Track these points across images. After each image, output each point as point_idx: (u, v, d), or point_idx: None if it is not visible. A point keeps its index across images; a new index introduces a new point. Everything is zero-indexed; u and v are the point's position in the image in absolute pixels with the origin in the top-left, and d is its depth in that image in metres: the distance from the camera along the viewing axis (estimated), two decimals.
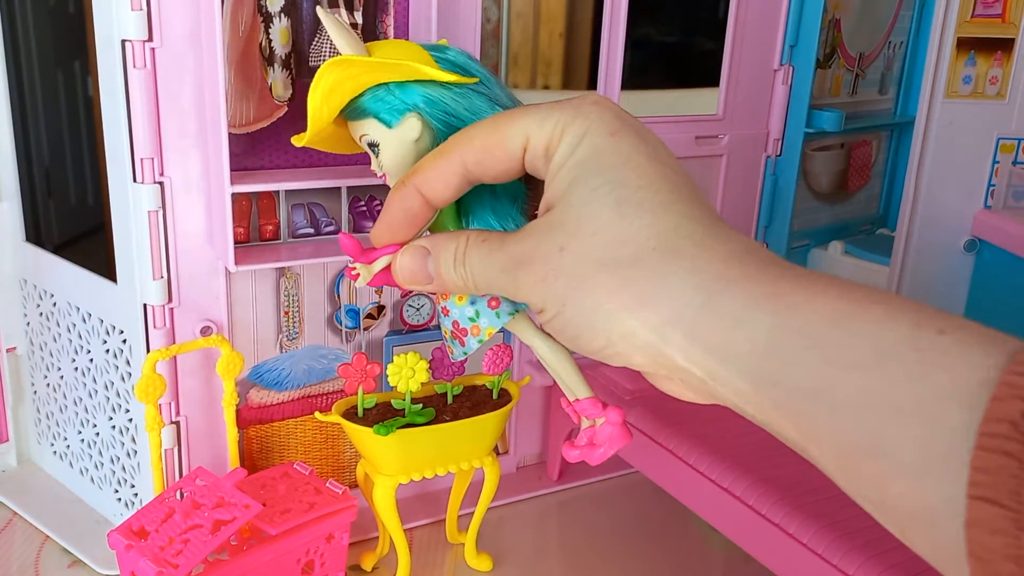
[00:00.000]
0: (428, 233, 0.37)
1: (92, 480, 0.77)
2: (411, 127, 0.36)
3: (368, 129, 0.38)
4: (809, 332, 0.26)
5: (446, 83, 0.36)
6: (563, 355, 0.39)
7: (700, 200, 0.31)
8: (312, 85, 0.38)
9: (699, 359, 0.28)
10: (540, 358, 0.39)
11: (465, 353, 0.39)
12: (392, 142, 0.37)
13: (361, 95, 0.37)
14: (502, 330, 0.39)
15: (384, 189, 0.74)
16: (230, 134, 0.63)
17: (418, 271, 0.36)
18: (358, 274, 0.39)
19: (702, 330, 0.28)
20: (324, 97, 0.37)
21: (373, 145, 0.38)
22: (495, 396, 0.69)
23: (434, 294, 0.39)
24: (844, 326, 0.26)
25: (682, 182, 0.31)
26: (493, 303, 0.38)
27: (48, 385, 0.80)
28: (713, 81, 0.88)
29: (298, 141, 0.41)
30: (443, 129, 0.36)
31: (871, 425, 0.24)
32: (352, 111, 0.38)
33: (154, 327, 0.66)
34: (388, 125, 0.37)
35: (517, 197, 0.37)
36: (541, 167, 0.32)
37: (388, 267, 0.38)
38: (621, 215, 0.29)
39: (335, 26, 0.37)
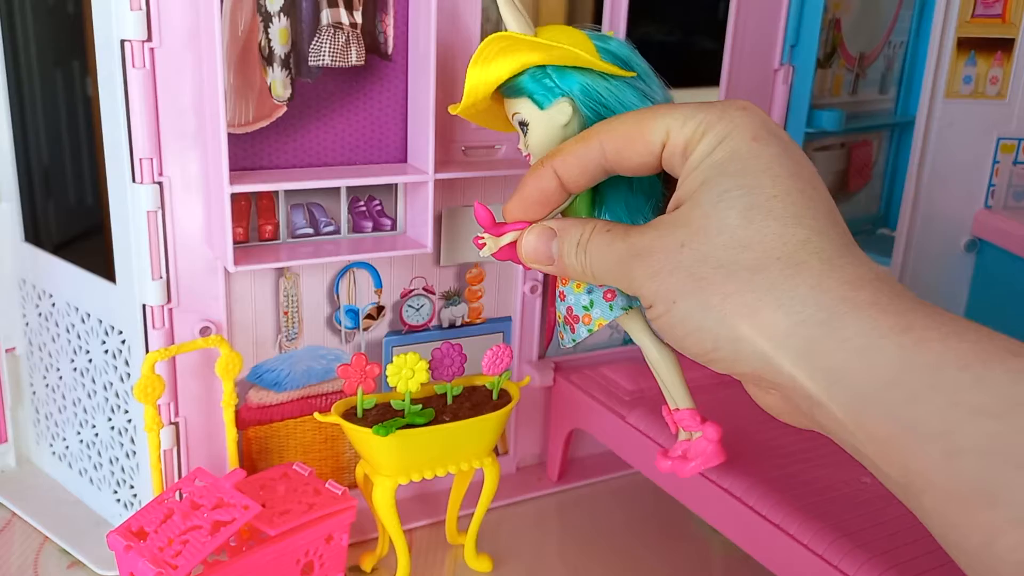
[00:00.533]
0: (559, 216, 0.38)
1: (91, 481, 0.77)
2: (562, 111, 0.37)
3: (521, 108, 0.38)
4: (938, 372, 0.25)
5: (604, 73, 0.36)
6: (671, 361, 0.38)
7: (835, 219, 0.30)
8: (473, 57, 0.39)
9: (810, 377, 0.27)
10: (648, 361, 0.39)
11: (574, 340, 0.39)
12: (542, 123, 0.37)
13: (520, 74, 0.37)
14: (611, 324, 0.39)
15: (384, 190, 0.75)
16: (229, 134, 0.62)
17: (542, 251, 0.36)
18: (484, 243, 0.39)
19: (819, 349, 0.27)
20: (483, 70, 0.38)
21: (523, 124, 0.38)
22: (495, 397, 0.69)
23: (553, 278, 0.41)
24: (977, 372, 0.25)
25: (819, 198, 0.30)
26: (609, 295, 0.38)
27: (47, 386, 0.79)
28: (713, 81, 0.88)
29: (453, 109, 0.41)
30: (592, 118, 0.37)
31: (992, 474, 0.24)
32: (509, 88, 0.38)
33: (153, 327, 0.66)
34: (540, 106, 0.37)
35: (652, 195, 0.38)
36: (678, 164, 0.32)
37: (514, 243, 0.38)
38: (749, 220, 0.29)
39: (505, 2, 0.37)
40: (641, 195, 0.37)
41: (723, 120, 0.31)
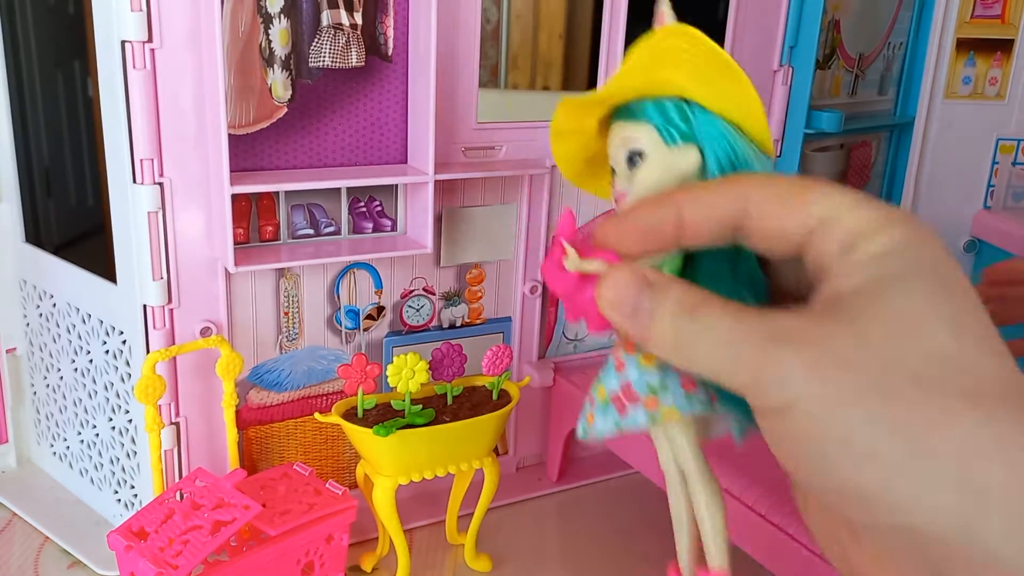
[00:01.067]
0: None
1: (92, 481, 0.77)
2: (690, 158, 0.29)
3: (641, 133, 0.30)
4: None
5: (750, 138, 0.30)
6: (720, 502, 0.31)
7: None
8: (644, 45, 0.30)
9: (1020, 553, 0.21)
10: (691, 493, 0.31)
11: (617, 426, 0.30)
12: (662, 162, 0.30)
13: (655, 96, 0.30)
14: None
15: (384, 191, 0.75)
16: (230, 135, 0.63)
17: (627, 299, 0.28)
18: (563, 255, 0.30)
19: None
20: (633, 68, 0.30)
21: (636, 155, 0.30)
22: (495, 397, 0.69)
23: (614, 338, 0.31)
24: None
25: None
26: (690, 384, 0.29)
27: (48, 386, 0.80)
28: None
29: (557, 126, 0.33)
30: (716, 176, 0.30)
31: None
32: (637, 108, 0.30)
33: (154, 328, 0.66)
34: (668, 142, 0.30)
35: (756, 289, 0.30)
36: (832, 251, 0.26)
37: (590, 279, 0.29)
38: (959, 336, 0.23)
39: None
40: (745, 284, 0.29)
41: (905, 221, 0.25)
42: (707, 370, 0.26)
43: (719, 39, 0.87)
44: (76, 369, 0.75)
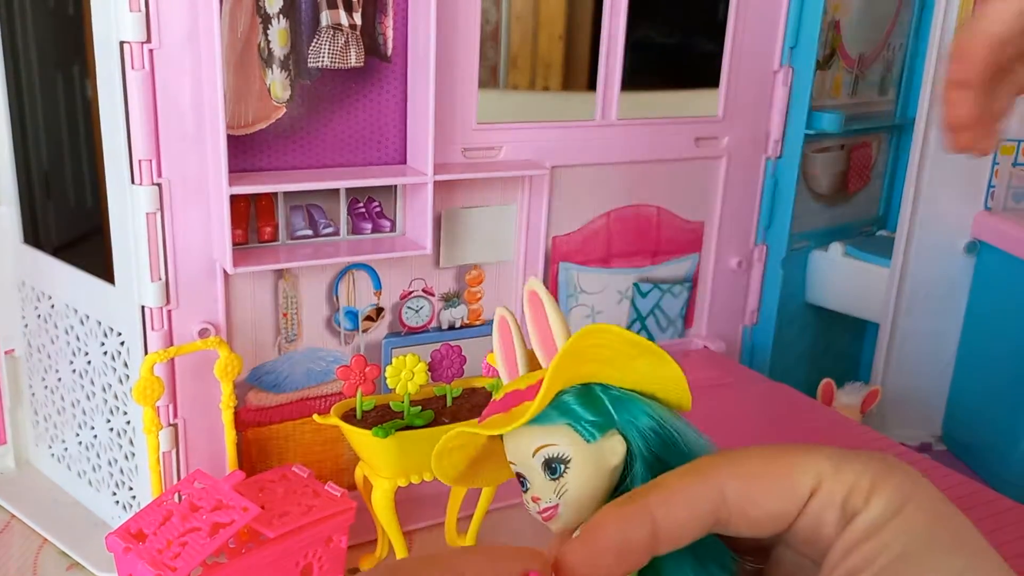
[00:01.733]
0: None
1: (90, 482, 0.77)
2: (613, 449, 0.27)
3: (556, 439, 0.27)
4: None
5: (671, 408, 0.28)
6: None
7: None
8: (561, 356, 0.27)
9: None
10: None
11: None
12: (588, 462, 0.27)
13: (560, 392, 0.27)
14: None
15: (383, 191, 0.74)
16: (228, 135, 0.62)
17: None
18: None
19: None
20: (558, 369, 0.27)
21: (556, 462, 0.27)
22: (495, 398, 0.69)
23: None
24: None
25: None
26: None
27: (46, 387, 0.79)
28: (713, 82, 0.88)
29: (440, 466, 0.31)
30: (649, 462, 0.27)
31: None
32: (543, 412, 0.27)
33: (152, 329, 0.66)
34: (588, 439, 0.27)
35: (724, 565, 0.27)
36: (830, 522, 0.24)
37: None
38: None
39: (551, 304, 0.29)
40: (712, 566, 0.27)
41: (896, 473, 0.24)
42: None
43: (719, 39, 0.87)
44: (74, 370, 0.75)
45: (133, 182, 0.63)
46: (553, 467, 0.27)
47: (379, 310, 0.76)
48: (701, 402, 0.40)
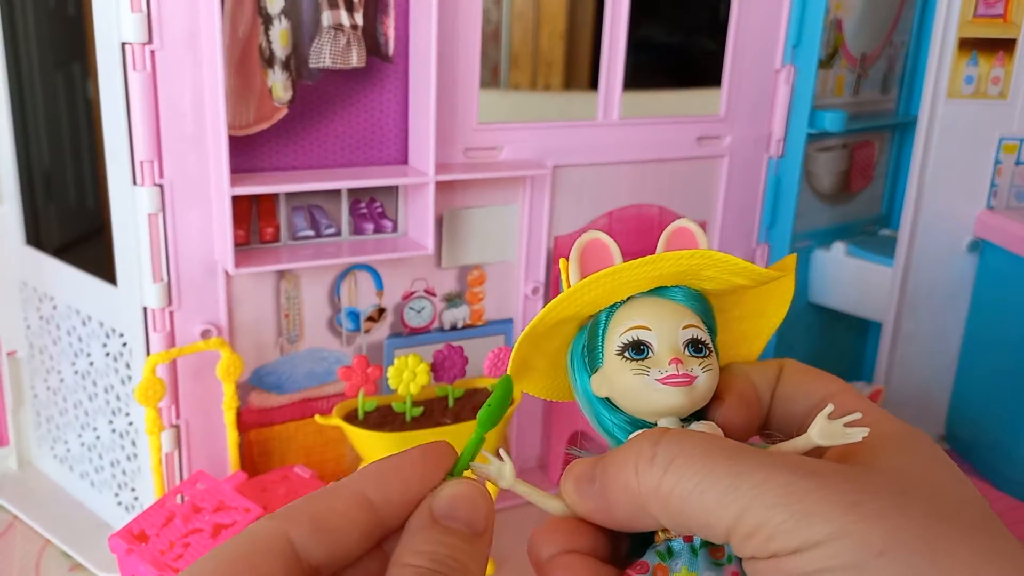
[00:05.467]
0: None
1: (92, 484, 0.77)
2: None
3: (700, 325, 0.29)
4: None
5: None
6: None
7: None
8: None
9: None
10: None
11: None
12: (717, 362, 0.29)
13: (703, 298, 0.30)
14: None
15: (385, 192, 0.74)
16: (230, 136, 0.62)
17: (580, 477, 0.27)
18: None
19: None
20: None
21: (702, 345, 0.28)
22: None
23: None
24: None
25: None
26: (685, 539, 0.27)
27: (48, 389, 0.79)
28: (715, 81, 0.88)
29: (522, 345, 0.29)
30: None
31: None
32: (695, 295, 0.29)
33: (154, 330, 0.66)
34: (712, 343, 0.29)
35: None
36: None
37: None
38: (960, 480, 0.25)
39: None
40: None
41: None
42: (690, 517, 0.24)
43: (721, 38, 0.87)
44: (76, 371, 0.75)
45: (135, 183, 0.63)
46: (699, 347, 0.28)
47: (381, 311, 0.76)
48: None
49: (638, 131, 0.84)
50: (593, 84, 0.81)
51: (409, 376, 0.63)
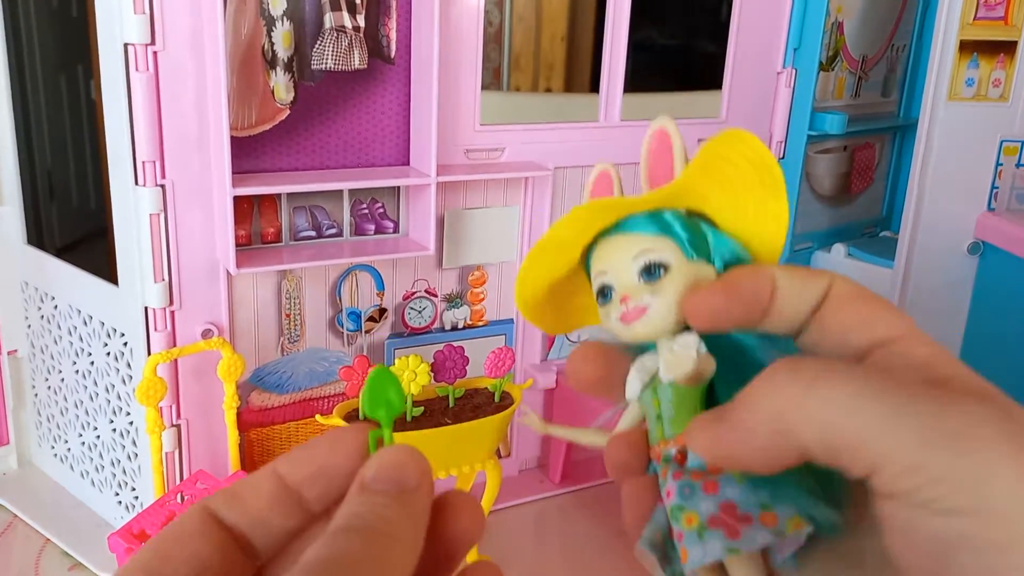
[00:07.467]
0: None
1: (93, 483, 0.77)
2: (708, 275, 0.27)
3: (657, 246, 0.27)
4: None
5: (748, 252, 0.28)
6: None
7: None
8: (706, 154, 0.26)
9: None
10: None
11: (730, 551, 0.25)
12: (686, 274, 0.26)
13: (659, 211, 0.27)
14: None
15: (386, 192, 0.75)
16: (232, 137, 0.62)
17: (705, 419, 0.24)
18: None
19: None
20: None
21: (656, 267, 0.27)
22: (497, 399, 0.69)
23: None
24: None
25: None
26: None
27: (49, 388, 0.80)
28: (715, 84, 0.88)
29: (523, 290, 0.29)
30: None
31: None
32: (649, 219, 0.27)
33: (155, 330, 0.66)
34: (688, 256, 0.27)
35: (834, 495, 0.26)
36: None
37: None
38: None
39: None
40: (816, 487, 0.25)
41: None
42: (831, 448, 0.22)
43: (722, 41, 0.87)
44: (77, 371, 0.75)
45: (137, 183, 0.63)
46: (652, 271, 0.27)
47: (382, 311, 0.76)
48: None
49: (639, 133, 0.84)
50: (594, 86, 0.81)
51: (410, 376, 0.63)
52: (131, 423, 0.71)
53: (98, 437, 0.75)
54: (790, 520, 0.24)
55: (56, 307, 0.76)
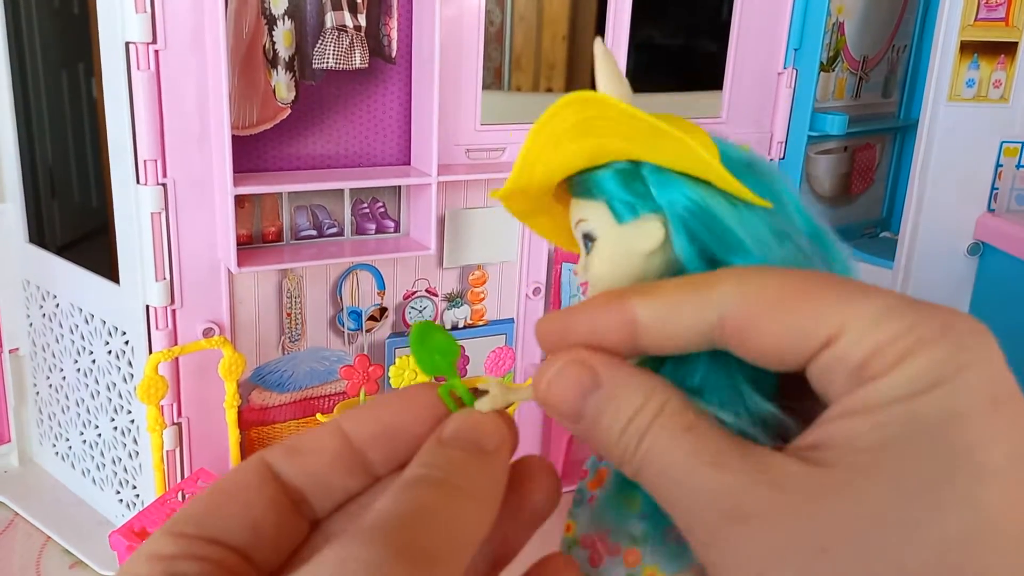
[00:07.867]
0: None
1: (94, 481, 0.78)
2: (648, 234, 0.24)
3: (590, 214, 0.25)
4: None
5: (727, 193, 0.24)
6: None
7: None
8: (540, 120, 0.24)
9: None
10: None
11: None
12: (615, 244, 0.24)
13: (601, 166, 0.25)
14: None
15: (387, 192, 0.75)
16: (233, 136, 0.63)
17: (568, 401, 0.22)
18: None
19: None
20: (550, 148, 0.25)
21: (588, 238, 0.25)
22: None
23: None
24: None
25: None
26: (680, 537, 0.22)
27: (50, 386, 0.80)
28: (716, 84, 0.88)
29: (495, 194, 0.27)
30: (693, 254, 0.23)
31: None
32: (580, 183, 0.25)
33: (156, 328, 0.66)
34: (619, 219, 0.24)
35: (761, 381, 0.22)
36: (840, 380, 0.19)
37: None
38: (974, 550, 0.17)
39: (605, 57, 0.26)
40: (741, 375, 0.22)
41: (950, 341, 0.18)
42: (665, 508, 0.20)
43: (723, 41, 0.87)
44: (79, 369, 0.75)
45: (138, 182, 0.63)
46: (586, 242, 0.25)
47: (382, 310, 0.76)
48: None
49: None
50: (594, 86, 0.81)
51: (410, 375, 0.63)
52: (132, 421, 0.71)
53: (99, 435, 0.75)
54: (649, 569, 0.23)
55: (57, 305, 0.76)
